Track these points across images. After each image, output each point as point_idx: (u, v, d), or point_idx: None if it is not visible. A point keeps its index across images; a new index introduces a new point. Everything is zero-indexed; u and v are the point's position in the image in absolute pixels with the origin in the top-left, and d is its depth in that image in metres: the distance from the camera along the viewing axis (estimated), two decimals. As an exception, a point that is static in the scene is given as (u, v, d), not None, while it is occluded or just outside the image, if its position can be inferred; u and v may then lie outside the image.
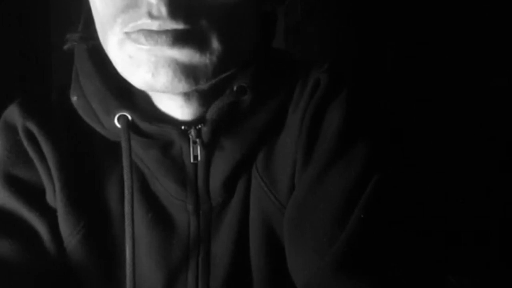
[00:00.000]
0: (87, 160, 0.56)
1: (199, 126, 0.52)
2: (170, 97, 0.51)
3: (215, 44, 0.46)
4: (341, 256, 0.47)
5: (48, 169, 0.54)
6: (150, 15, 0.43)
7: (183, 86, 0.46)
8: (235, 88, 0.51)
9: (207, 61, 0.46)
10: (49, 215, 0.54)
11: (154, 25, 0.44)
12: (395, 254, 0.48)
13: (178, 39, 0.45)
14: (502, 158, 0.85)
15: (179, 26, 0.44)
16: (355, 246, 0.47)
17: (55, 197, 0.54)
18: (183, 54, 0.45)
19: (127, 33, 0.45)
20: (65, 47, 0.55)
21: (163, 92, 0.48)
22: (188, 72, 0.46)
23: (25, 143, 0.55)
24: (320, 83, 0.53)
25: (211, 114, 0.51)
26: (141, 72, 0.46)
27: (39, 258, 0.53)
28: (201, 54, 0.46)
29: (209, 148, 0.53)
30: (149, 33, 0.44)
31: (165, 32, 0.44)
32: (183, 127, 0.52)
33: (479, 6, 0.84)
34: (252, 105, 0.52)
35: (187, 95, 0.51)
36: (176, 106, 0.52)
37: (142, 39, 0.45)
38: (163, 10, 0.43)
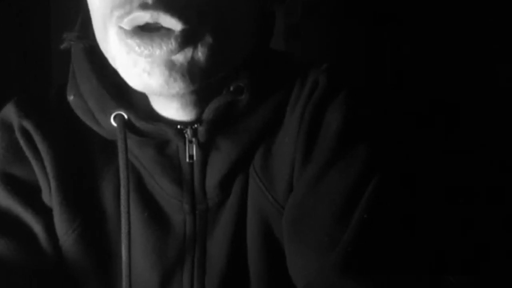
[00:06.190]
0: (83, 159, 0.56)
1: (196, 125, 0.52)
2: (167, 96, 0.51)
3: (211, 43, 0.46)
4: (346, 256, 0.46)
5: (44, 168, 0.54)
6: (142, 6, 0.43)
7: (179, 85, 0.46)
8: (232, 88, 0.51)
9: (204, 60, 0.46)
10: (45, 214, 0.54)
11: (146, 16, 0.43)
12: (398, 254, 0.48)
13: (174, 51, 0.44)
14: (504, 158, 0.85)
15: (173, 20, 0.43)
16: (359, 247, 0.47)
17: (50, 196, 0.54)
18: (179, 56, 0.45)
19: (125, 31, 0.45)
20: (62, 46, 0.55)
21: (160, 93, 0.48)
22: (183, 71, 0.46)
23: (21, 142, 0.55)
24: (319, 83, 0.53)
25: (207, 113, 0.51)
26: (137, 71, 0.46)
27: (35, 256, 0.53)
28: (197, 54, 0.46)
29: (205, 148, 0.53)
30: (144, 46, 0.44)
31: (159, 46, 0.44)
32: (179, 126, 0.52)
33: (481, 6, 0.84)
34: (249, 105, 0.52)
35: (183, 95, 0.51)
36: (172, 106, 0.52)
37: (136, 49, 0.44)
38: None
